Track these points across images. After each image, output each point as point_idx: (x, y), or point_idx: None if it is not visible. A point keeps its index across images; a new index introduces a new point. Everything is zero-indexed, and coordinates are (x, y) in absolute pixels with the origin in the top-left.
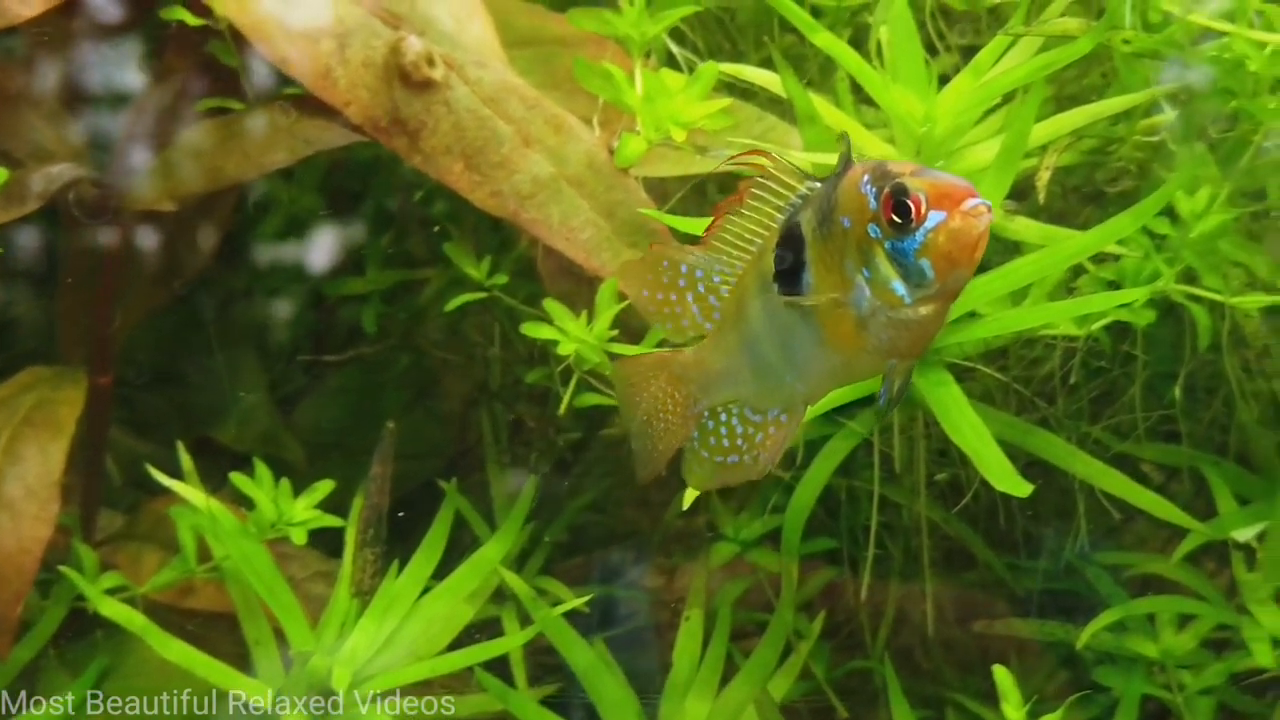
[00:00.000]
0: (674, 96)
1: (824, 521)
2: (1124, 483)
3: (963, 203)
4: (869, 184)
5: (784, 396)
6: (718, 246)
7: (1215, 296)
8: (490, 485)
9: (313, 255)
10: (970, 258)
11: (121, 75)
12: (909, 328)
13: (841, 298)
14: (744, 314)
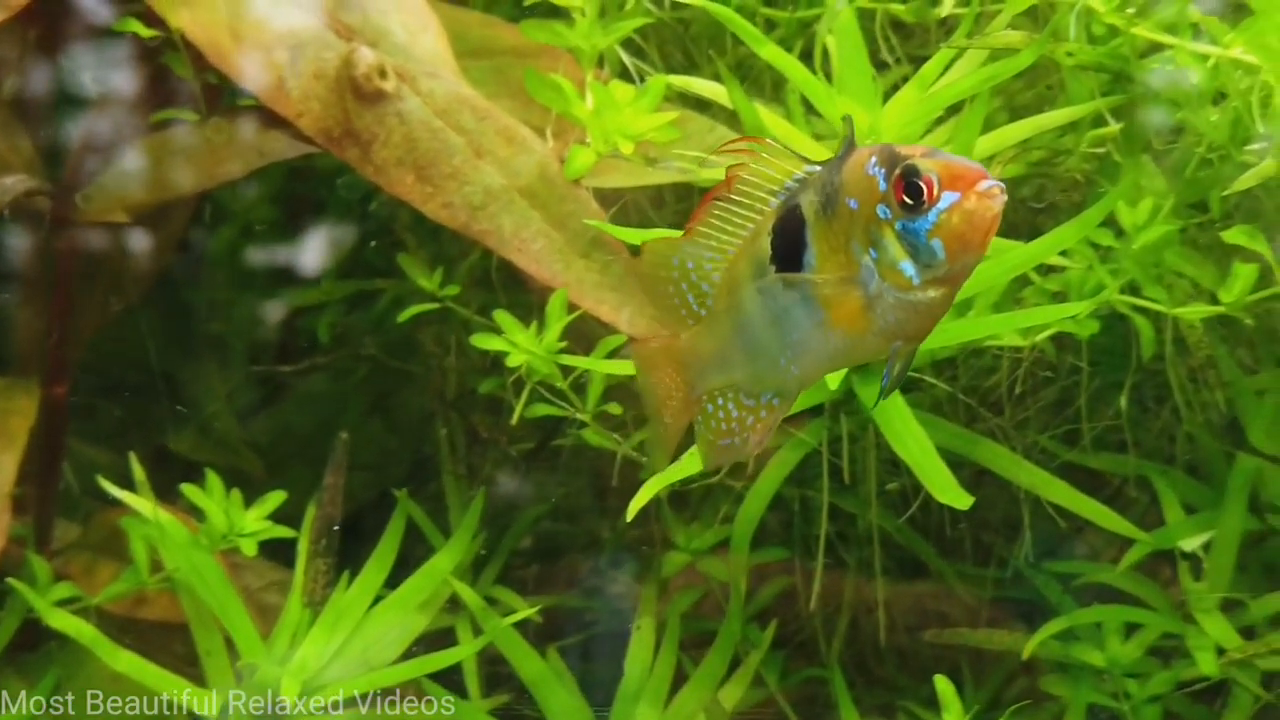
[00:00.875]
0: (622, 109)
1: (777, 531)
2: (1068, 493)
3: (976, 184)
4: (876, 166)
5: (778, 380)
6: (706, 233)
7: (1158, 307)
8: (446, 495)
9: (271, 264)
10: (983, 239)
11: (76, 86)
12: (917, 310)
13: (849, 279)
14: (737, 298)
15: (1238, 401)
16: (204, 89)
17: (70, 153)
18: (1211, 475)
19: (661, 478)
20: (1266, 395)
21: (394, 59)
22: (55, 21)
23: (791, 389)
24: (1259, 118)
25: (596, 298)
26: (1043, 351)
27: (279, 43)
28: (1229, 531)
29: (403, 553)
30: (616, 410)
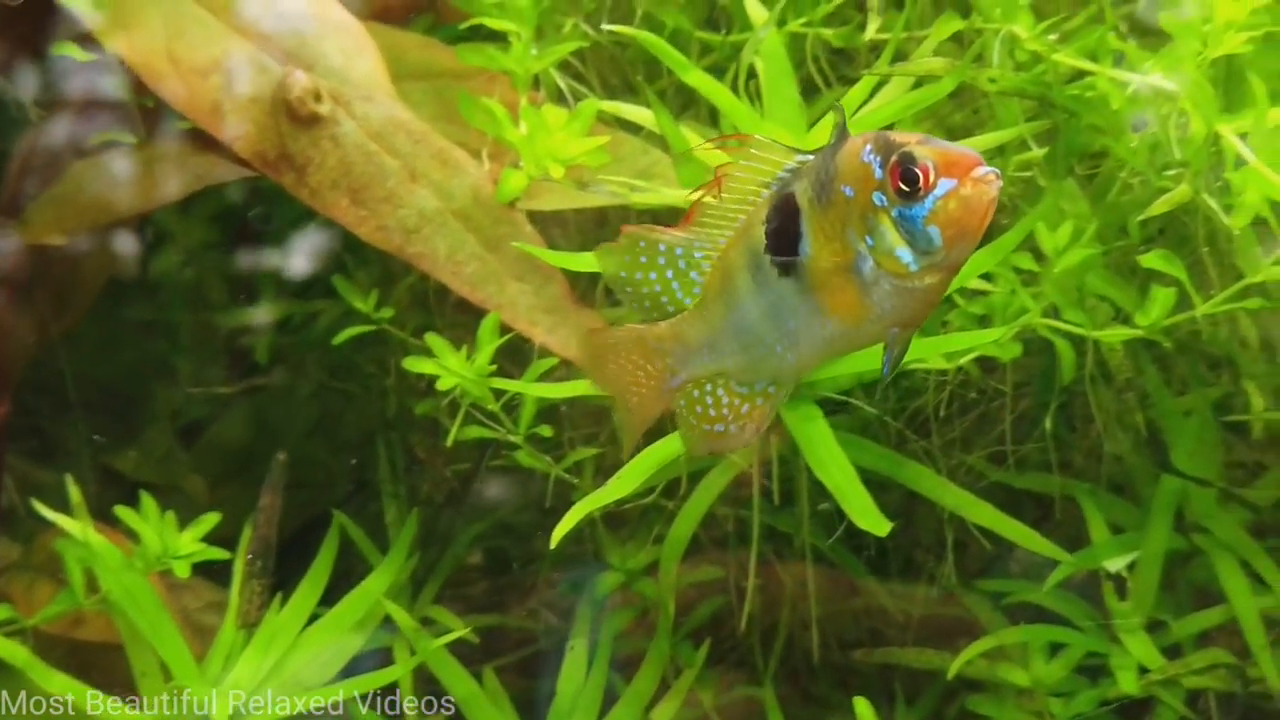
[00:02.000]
0: (554, 133)
1: (713, 551)
2: (992, 514)
3: (972, 170)
4: (872, 153)
5: (773, 368)
6: (701, 224)
7: (1078, 331)
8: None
9: (214, 284)
10: (979, 225)
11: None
12: (913, 296)
13: (844, 265)
14: (730, 287)
15: (1164, 422)
16: (142, 112)
17: (7, 175)
18: (1140, 495)
19: (589, 501)
20: (1190, 416)
21: (329, 83)
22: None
23: (788, 377)
24: (1175, 144)
25: (530, 320)
26: (968, 374)
27: (215, 67)
28: (1153, 552)
29: (346, 572)
30: (547, 433)
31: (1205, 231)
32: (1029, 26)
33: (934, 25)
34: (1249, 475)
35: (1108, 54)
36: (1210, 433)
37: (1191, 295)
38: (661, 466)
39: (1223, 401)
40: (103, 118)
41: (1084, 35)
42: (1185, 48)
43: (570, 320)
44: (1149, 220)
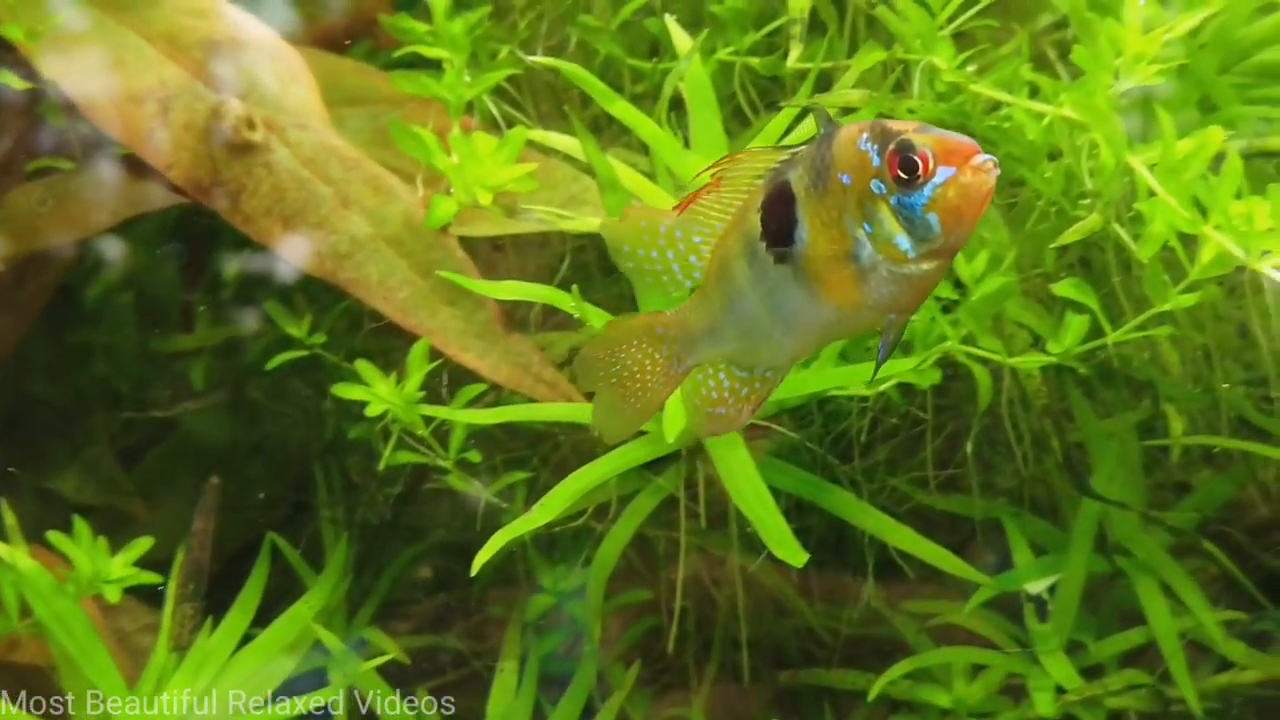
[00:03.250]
0: (483, 160)
1: (645, 572)
2: (912, 538)
3: (971, 158)
4: (868, 141)
5: (771, 353)
6: (696, 210)
7: (994, 357)
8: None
9: (151, 308)
10: (977, 212)
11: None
12: (910, 283)
13: (841, 252)
14: (728, 273)
15: (1089, 445)
16: (78, 139)
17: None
18: (1065, 517)
19: (510, 529)
20: (1110, 440)
21: (263, 110)
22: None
23: (785, 362)
24: (1088, 174)
25: (461, 345)
26: (890, 399)
27: (150, 94)
28: (1073, 574)
29: (287, 594)
30: (476, 458)
31: (1118, 261)
32: (949, 58)
33: (856, 55)
34: (1176, 497)
35: (1024, 86)
36: (1132, 456)
37: (1103, 323)
38: (588, 491)
39: (1150, 424)
40: (38, 144)
41: (1002, 67)
42: (1096, 81)
43: (501, 345)
44: (1070, 248)
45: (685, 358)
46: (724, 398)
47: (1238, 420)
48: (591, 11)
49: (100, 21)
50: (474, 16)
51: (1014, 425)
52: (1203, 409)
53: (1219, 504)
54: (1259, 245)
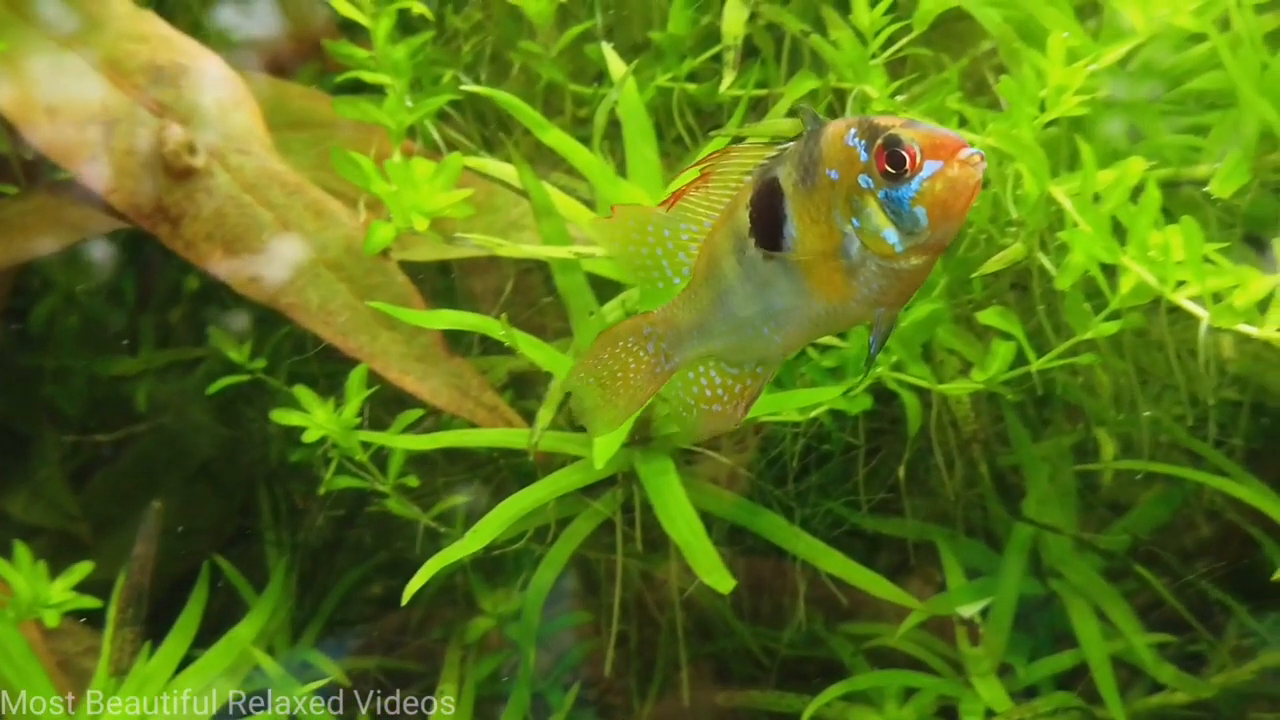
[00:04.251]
0: (420, 186)
1: (585, 595)
2: (842, 562)
3: (958, 152)
4: (856, 137)
5: (761, 349)
6: (683, 207)
7: (922, 384)
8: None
9: (96, 332)
10: (964, 206)
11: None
12: (899, 277)
13: (830, 247)
14: (717, 270)
15: (1025, 468)
16: (21, 163)
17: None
18: (1001, 541)
19: (441, 557)
20: (1043, 464)
21: (205, 135)
22: None
23: (775, 356)
24: (1012, 203)
25: (402, 369)
26: (823, 425)
27: (93, 119)
28: (1005, 597)
29: (234, 617)
30: (414, 483)
31: (1043, 289)
32: (880, 87)
33: (790, 83)
34: (1113, 518)
35: (953, 115)
36: (1066, 479)
37: (1027, 351)
38: (526, 515)
39: (1087, 447)
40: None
41: (932, 96)
42: (1020, 112)
43: (441, 369)
44: (1004, 274)
45: (673, 355)
46: (718, 395)
47: (1171, 444)
48: (534, 37)
49: (43, 46)
50: (416, 41)
51: (947, 450)
52: (1137, 432)
53: (1153, 526)
54: (1175, 276)
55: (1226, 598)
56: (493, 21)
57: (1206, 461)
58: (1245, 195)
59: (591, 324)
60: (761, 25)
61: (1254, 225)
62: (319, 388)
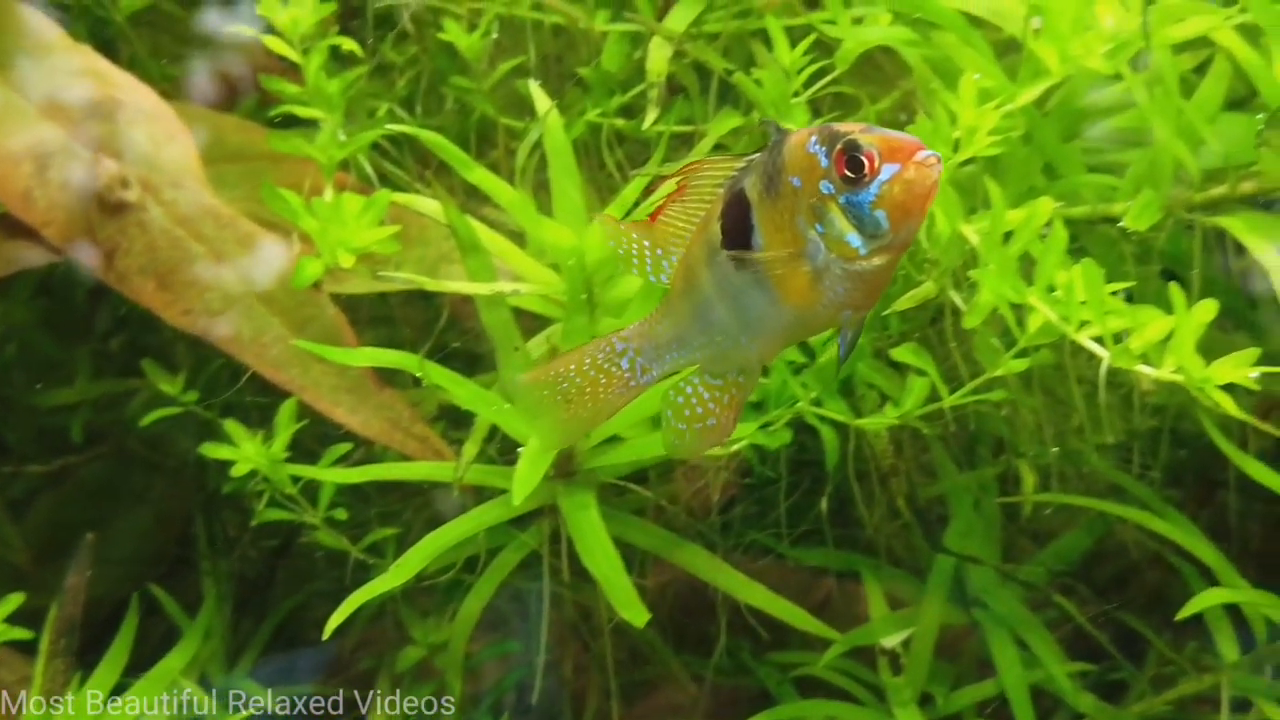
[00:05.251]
0: (346, 222)
1: (518, 624)
2: (763, 594)
3: (915, 154)
4: (817, 144)
5: (738, 358)
6: (664, 222)
7: (839, 418)
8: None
9: (36, 361)
10: (922, 206)
11: None
12: (864, 279)
13: (796, 254)
14: (693, 283)
15: (951, 499)
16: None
17: None
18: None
19: (365, 591)
20: (962, 497)
21: (139, 169)
22: None
23: (753, 365)
24: (926, 240)
25: (333, 400)
26: (746, 459)
27: (27, 153)
28: (927, 627)
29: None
30: (342, 516)
31: (955, 326)
32: (803, 123)
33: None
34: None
35: None
36: (991, 510)
37: (940, 387)
38: (456, 546)
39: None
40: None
41: None
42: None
43: (372, 401)
44: (924, 311)
45: (650, 369)
46: (709, 409)
47: (1092, 475)
48: (467, 71)
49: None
50: (350, 76)
51: (870, 482)
52: (1058, 464)
53: (1076, 556)
54: (1078, 315)
55: (1143, 626)
56: (428, 55)
57: (1127, 492)
58: (1161, 232)
59: (516, 359)
60: (687, 63)
61: (1170, 262)
62: (254, 419)
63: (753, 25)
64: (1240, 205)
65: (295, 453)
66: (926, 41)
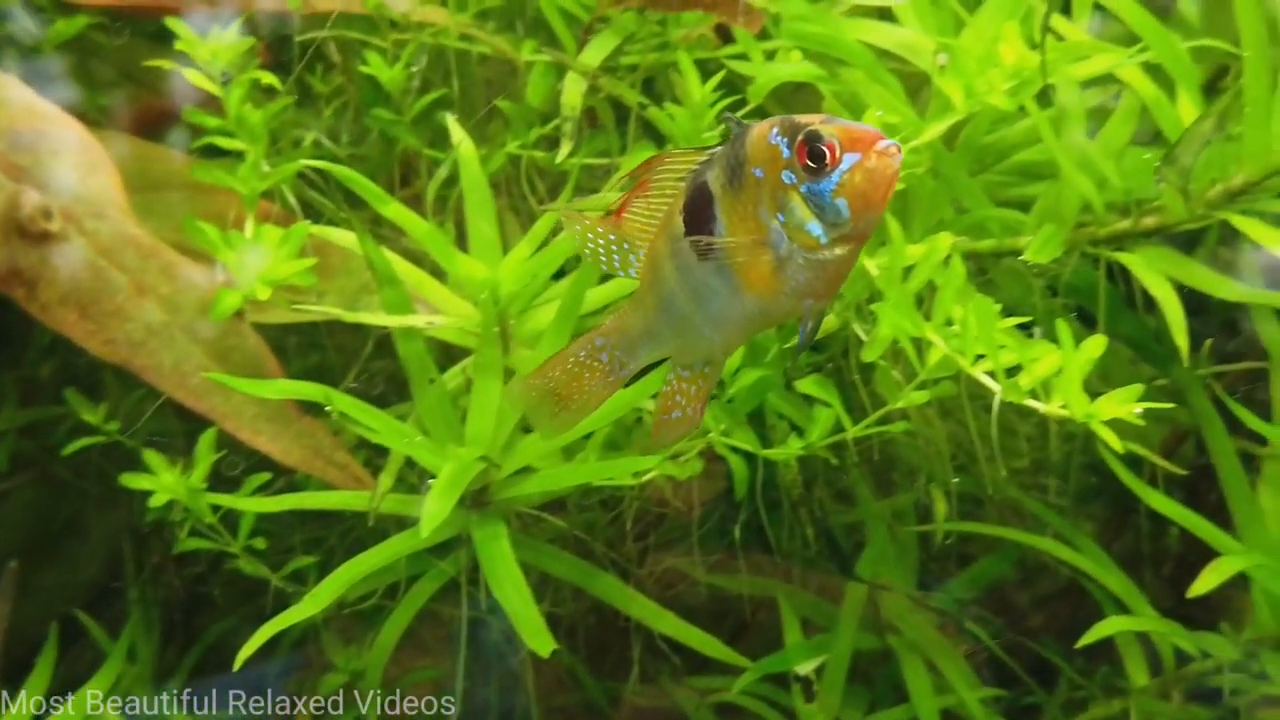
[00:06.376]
0: (264, 254)
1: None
2: (674, 622)
3: (875, 144)
4: (779, 135)
5: (705, 349)
6: (629, 218)
7: (747, 448)
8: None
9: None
10: (883, 196)
11: None
12: (825, 268)
13: (758, 241)
14: (659, 276)
15: (867, 525)
16: None
17: None
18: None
19: (278, 621)
20: (876, 524)
21: (61, 200)
22: None
23: (719, 356)
24: None
25: (254, 428)
26: (660, 489)
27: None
28: (840, 653)
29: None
30: (261, 545)
31: (857, 359)
32: None
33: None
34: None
35: None
36: (907, 536)
37: (844, 419)
38: (376, 573)
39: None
40: None
41: None
42: None
43: (293, 429)
44: (834, 341)
45: (627, 362)
46: (676, 401)
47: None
48: (391, 103)
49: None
50: (274, 108)
51: (779, 509)
52: (973, 490)
53: (990, 582)
54: (973, 350)
55: (1054, 651)
56: (353, 85)
57: (1032, 519)
58: (1066, 265)
59: (432, 391)
60: (603, 97)
61: (1079, 294)
62: (178, 446)
63: (669, 58)
64: (1143, 239)
65: (219, 481)
66: (836, 78)
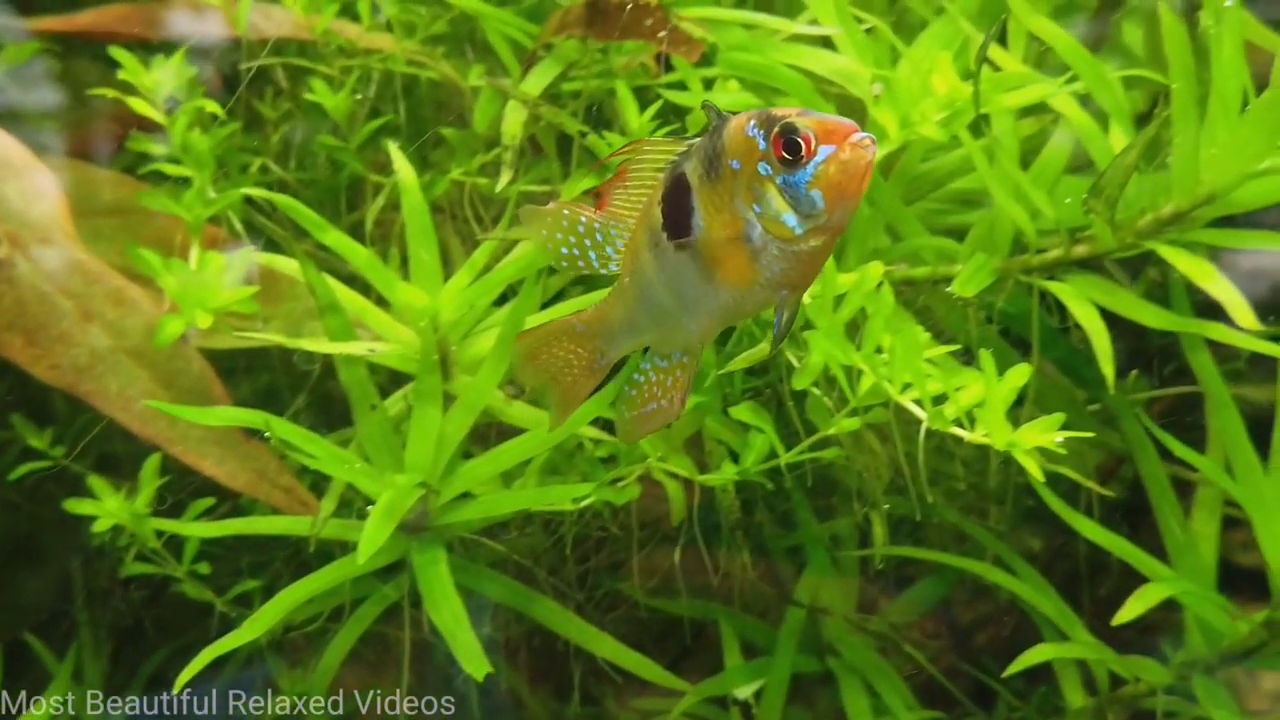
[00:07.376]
0: (206, 281)
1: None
2: (613, 646)
3: (850, 136)
4: (755, 128)
5: (682, 339)
6: (611, 211)
7: (683, 473)
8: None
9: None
10: (858, 187)
11: None
12: (799, 259)
13: (734, 234)
14: (638, 266)
15: (807, 548)
16: None
17: None
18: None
19: (214, 648)
20: (816, 547)
21: (7, 225)
22: None
23: (696, 346)
24: None
25: (200, 452)
26: (600, 512)
27: None
28: (778, 676)
29: None
30: (205, 570)
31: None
32: None
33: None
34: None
35: None
36: (846, 560)
37: (777, 445)
38: (320, 596)
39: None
40: None
41: None
42: None
43: (239, 452)
44: (773, 368)
45: (608, 351)
46: (653, 392)
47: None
48: (338, 130)
49: None
50: (220, 134)
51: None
52: (912, 514)
53: (929, 605)
54: (900, 378)
55: (991, 673)
56: (301, 111)
57: (971, 542)
58: (1000, 293)
59: (373, 418)
60: (544, 125)
61: (1013, 321)
62: (124, 470)
63: (610, 85)
64: (1074, 268)
65: (165, 505)
66: (772, 107)
